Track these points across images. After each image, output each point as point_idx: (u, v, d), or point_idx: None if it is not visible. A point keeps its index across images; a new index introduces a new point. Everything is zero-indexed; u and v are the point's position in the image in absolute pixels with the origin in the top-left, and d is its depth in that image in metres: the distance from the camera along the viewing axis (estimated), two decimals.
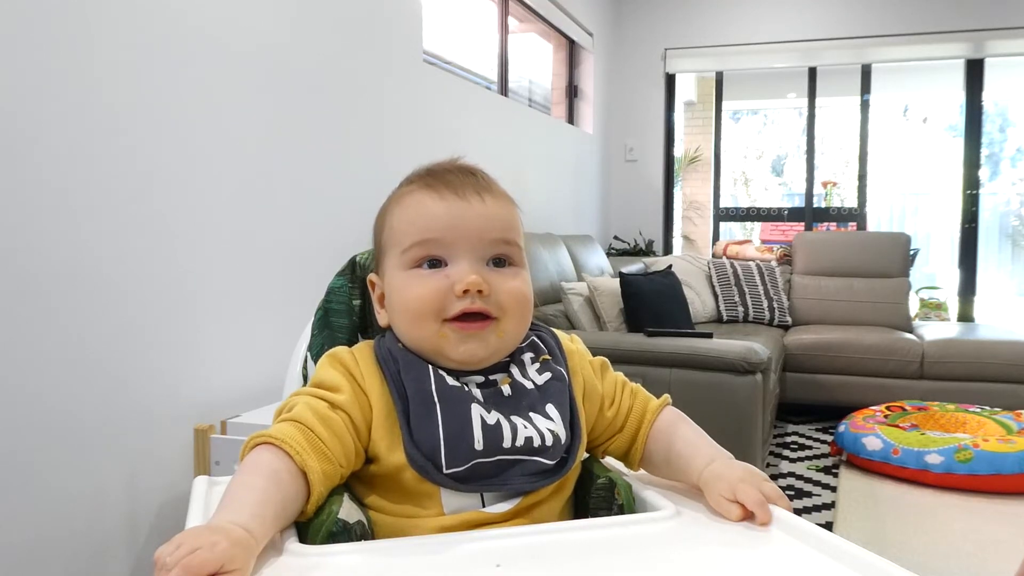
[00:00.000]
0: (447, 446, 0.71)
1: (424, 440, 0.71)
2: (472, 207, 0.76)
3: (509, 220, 0.79)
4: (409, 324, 0.76)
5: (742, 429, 2.50)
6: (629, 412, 0.84)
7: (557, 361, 0.81)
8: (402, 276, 0.77)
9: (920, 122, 10.38)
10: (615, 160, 5.49)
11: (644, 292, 3.35)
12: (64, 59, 1.48)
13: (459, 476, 0.71)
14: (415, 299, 0.75)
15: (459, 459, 0.71)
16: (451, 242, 0.75)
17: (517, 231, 0.79)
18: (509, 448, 0.72)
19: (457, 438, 0.71)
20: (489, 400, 0.75)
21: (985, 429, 3.02)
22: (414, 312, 0.75)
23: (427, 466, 0.71)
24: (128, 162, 1.62)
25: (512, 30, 4.05)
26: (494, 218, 0.77)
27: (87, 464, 1.55)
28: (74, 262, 1.51)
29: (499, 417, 0.73)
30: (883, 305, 4.32)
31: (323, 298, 0.89)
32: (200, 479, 0.82)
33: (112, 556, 1.62)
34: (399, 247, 0.77)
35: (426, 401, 0.73)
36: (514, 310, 0.76)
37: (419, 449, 0.71)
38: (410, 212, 0.77)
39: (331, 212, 2.29)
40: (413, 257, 0.76)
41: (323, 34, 2.26)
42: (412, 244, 0.76)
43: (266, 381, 1.97)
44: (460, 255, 0.75)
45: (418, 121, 2.80)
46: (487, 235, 0.76)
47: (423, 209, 0.76)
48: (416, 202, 0.77)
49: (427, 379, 0.74)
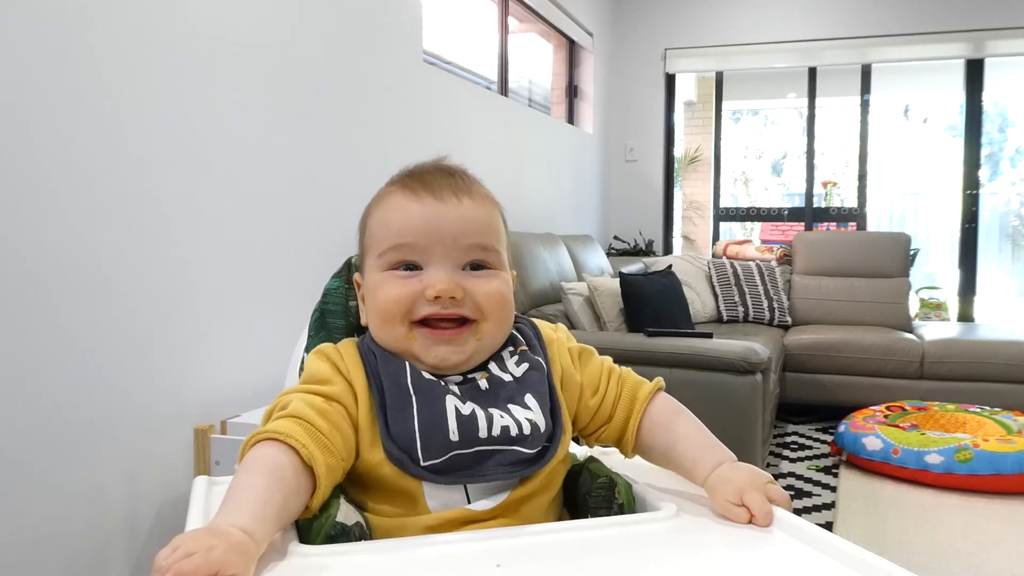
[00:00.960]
0: (422, 438, 0.71)
1: (400, 434, 0.71)
2: (448, 209, 0.76)
3: (487, 223, 0.78)
4: (379, 326, 0.77)
5: (742, 429, 2.50)
6: (617, 400, 0.82)
7: (535, 351, 0.80)
8: (378, 278, 0.77)
9: (920, 122, 10.38)
10: (615, 160, 5.49)
11: (644, 292, 3.35)
12: (64, 58, 1.48)
13: (436, 468, 0.71)
14: (385, 300, 0.75)
15: (435, 451, 0.71)
16: (425, 247, 0.75)
17: (495, 234, 0.79)
18: (485, 438, 0.72)
19: (432, 429, 0.71)
20: (466, 393, 0.75)
21: (985, 429, 3.02)
22: (383, 313, 0.76)
23: (403, 459, 0.71)
24: (128, 162, 1.62)
25: (512, 30, 4.05)
26: (470, 221, 0.76)
27: (87, 464, 1.55)
28: (74, 262, 1.51)
29: (474, 408, 0.73)
30: (883, 305, 4.32)
31: (319, 299, 0.89)
32: (200, 479, 0.82)
33: (112, 556, 1.62)
34: (376, 249, 0.78)
35: (402, 394, 0.73)
36: (493, 312, 0.76)
37: (396, 443, 0.71)
38: (387, 214, 0.78)
39: (331, 212, 2.29)
40: (389, 261, 0.76)
41: (323, 34, 2.26)
42: (388, 248, 0.76)
43: (266, 381, 1.97)
44: (435, 260, 0.75)
45: (418, 121, 2.80)
46: (463, 240, 0.75)
47: (399, 211, 0.77)
48: (393, 204, 0.78)
49: (403, 373, 0.74)
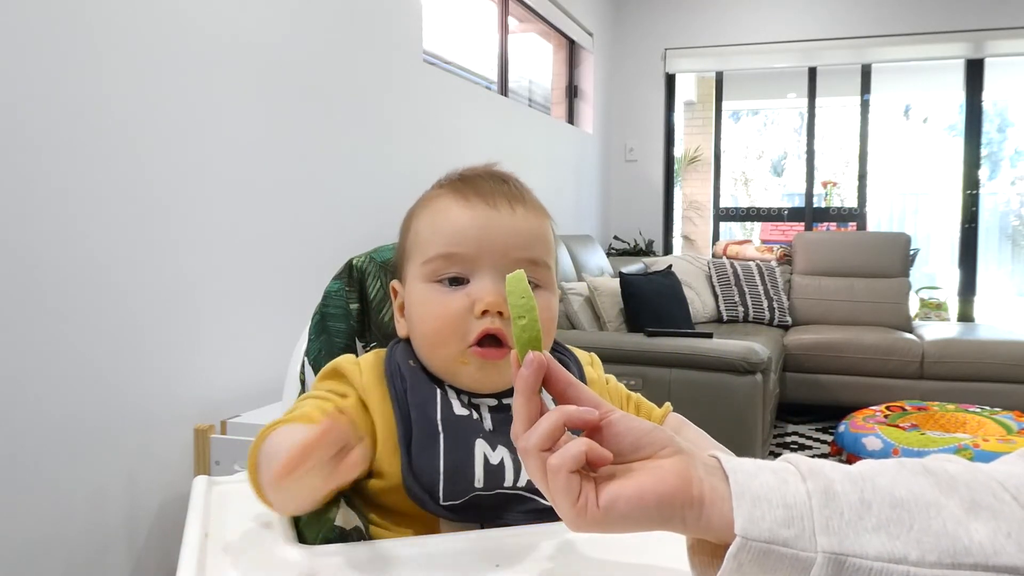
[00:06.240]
0: (446, 480, 0.68)
1: (423, 471, 0.68)
2: (501, 218, 0.72)
3: (539, 235, 0.74)
4: (429, 348, 0.73)
5: (742, 429, 2.50)
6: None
7: (568, 367, 0.77)
8: (422, 290, 0.73)
9: (920, 122, 10.38)
10: (615, 160, 5.49)
11: (644, 292, 3.35)
12: (64, 59, 1.48)
13: (456, 508, 0.69)
14: (435, 319, 0.71)
15: (457, 493, 0.68)
16: (474, 257, 0.71)
17: (546, 248, 0.74)
18: (511, 487, 0.70)
19: (457, 474, 0.68)
20: (498, 430, 0.71)
21: (985, 429, 3.02)
22: (434, 334, 0.72)
23: (424, 498, 0.68)
24: (128, 163, 1.62)
25: (512, 30, 4.05)
26: (523, 233, 0.72)
27: (87, 464, 1.55)
28: (74, 262, 1.51)
29: (504, 456, 0.70)
30: (883, 305, 4.33)
31: (320, 302, 0.88)
32: (200, 479, 0.82)
33: (112, 556, 1.62)
34: (422, 256, 0.73)
35: (429, 430, 0.70)
36: None
37: (418, 480, 0.68)
38: (436, 219, 0.74)
39: (331, 212, 2.29)
40: (434, 270, 0.72)
41: (323, 34, 2.26)
42: (435, 255, 0.72)
43: (266, 381, 1.97)
44: (483, 271, 0.71)
45: (418, 121, 2.80)
46: (513, 252, 0.71)
47: (449, 217, 0.73)
48: (443, 208, 0.74)
49: (433, 405, 0.71)
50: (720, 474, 0.50)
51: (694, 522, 0.49)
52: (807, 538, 0.47)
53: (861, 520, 0.47)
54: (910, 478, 0.50)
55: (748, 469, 0.50)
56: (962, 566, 0.46)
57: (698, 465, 0.51)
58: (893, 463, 0.52)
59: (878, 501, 0.48)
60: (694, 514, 0.49)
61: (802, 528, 0.47)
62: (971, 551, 0.46)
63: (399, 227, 0.81)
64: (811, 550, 0.46)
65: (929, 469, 0.51)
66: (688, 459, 0.51)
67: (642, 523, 0.50)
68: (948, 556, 0.46)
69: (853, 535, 0.47)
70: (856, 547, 0.46)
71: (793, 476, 0.50)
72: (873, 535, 0.47)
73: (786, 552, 0.47)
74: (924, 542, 0.46)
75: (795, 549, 0.47)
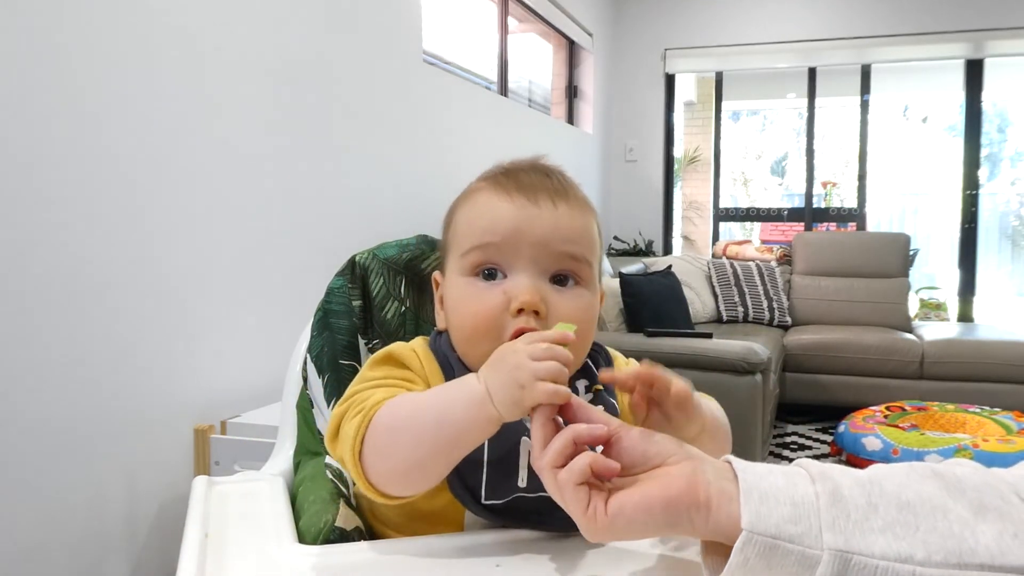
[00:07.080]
0: (489, 480, 0.66)
1: (467, 468, 0.65)
2: (542, 213, 0.69)
3: (582, 231, 0.71)
4: (465, 342, 0.71)
5: (742, 429, 2.50)
6: None
7: (610, 392, 0.75)
8: (460, 284, 0.71)
9: (920, 122, 10.38)
10: (615, 160, 5.49)
11: (644, 292, 3.35)
12: (66, 60, 1.48)
13: (496, 509, 0.67)
14: (470, 316, 0.69)
15: (499, 493, 0.67)
16: (511, 250, 0.68)
17: (589, 245, 0.71)
18: None
19: (500, 474, 0.67)
20: None
21: (985, 429, 3.02)
22: (470, 330, 0.70)
23: (465, 496, 0.67)
24: (127, 163, 1.62)
25: (512, 30, 4.05)
26: (564, 228, 0.69)
27: (87, 464, 1.55)
28: (73, 263, 1.51)
29: None
30: (883, 305, 4.33)
31: (323, 298, 0.88)
32: (200, 479, 0.82)
33: (112, 556, 1.62)
34: (460, 248, 0.72)
35: None
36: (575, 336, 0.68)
37: (460, 476, 0.66)
38: (475, 211, 0.72)
39: (331, 212, 2.29)
40: (471, 262, 0.70)
41: (323, 34, 2.26)
42: (472, 247, 0.70)
43: (266, 381, 1.97)
44: (519, 264, 0.68)
45: (418, 121, 2.80)
46: (552, 246, 0.69)
47: (488, 209, 0.71)
48: (483, 201, 0.72)
49: None
50: (731, 476, 0.52)
51: (703, 524, 0.50)
52: (813, 535, 0.47)
53: (868, 521, 0.48)
54: (918, 482, 0.50)
55: (759, 471, 0.52)
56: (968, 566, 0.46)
57: (707, 469, 0.52)
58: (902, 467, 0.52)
59: (885, 503, 0.49)
60: (702, 516, 0.50)
61: (809, 526, 0.48)
62: (977, 552, 0.46)
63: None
64: (817, 547, 0.47)
65: (938, 473, 0.51)
66: (696, 464, 0.53)
67: (650, 527, 0.52)
68: (954, 556, 0.46)
69: (860, 534, 0.47)
70: (862, 546, 0.47)
71: (802, 478, 0.51)
72: (879, 535, 0.47)
73: (792, 548, 0.47)
74: (930, 543, 0.47)
75: (801, 546, 0.47)
